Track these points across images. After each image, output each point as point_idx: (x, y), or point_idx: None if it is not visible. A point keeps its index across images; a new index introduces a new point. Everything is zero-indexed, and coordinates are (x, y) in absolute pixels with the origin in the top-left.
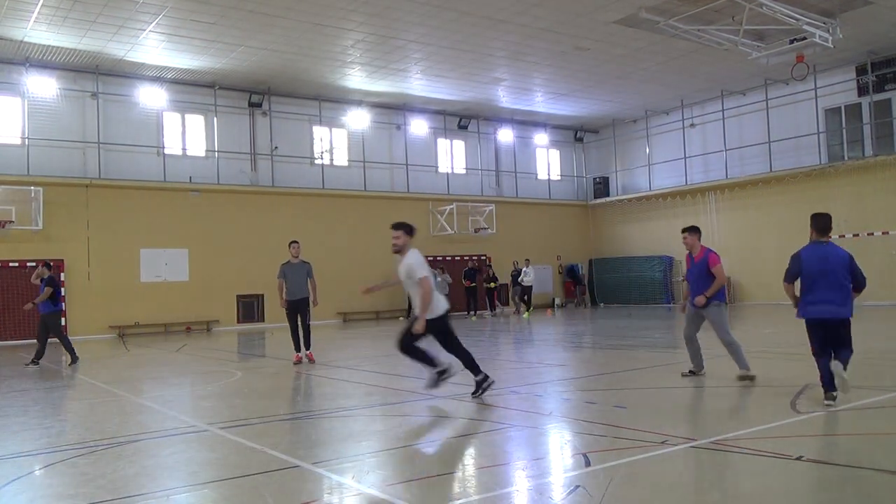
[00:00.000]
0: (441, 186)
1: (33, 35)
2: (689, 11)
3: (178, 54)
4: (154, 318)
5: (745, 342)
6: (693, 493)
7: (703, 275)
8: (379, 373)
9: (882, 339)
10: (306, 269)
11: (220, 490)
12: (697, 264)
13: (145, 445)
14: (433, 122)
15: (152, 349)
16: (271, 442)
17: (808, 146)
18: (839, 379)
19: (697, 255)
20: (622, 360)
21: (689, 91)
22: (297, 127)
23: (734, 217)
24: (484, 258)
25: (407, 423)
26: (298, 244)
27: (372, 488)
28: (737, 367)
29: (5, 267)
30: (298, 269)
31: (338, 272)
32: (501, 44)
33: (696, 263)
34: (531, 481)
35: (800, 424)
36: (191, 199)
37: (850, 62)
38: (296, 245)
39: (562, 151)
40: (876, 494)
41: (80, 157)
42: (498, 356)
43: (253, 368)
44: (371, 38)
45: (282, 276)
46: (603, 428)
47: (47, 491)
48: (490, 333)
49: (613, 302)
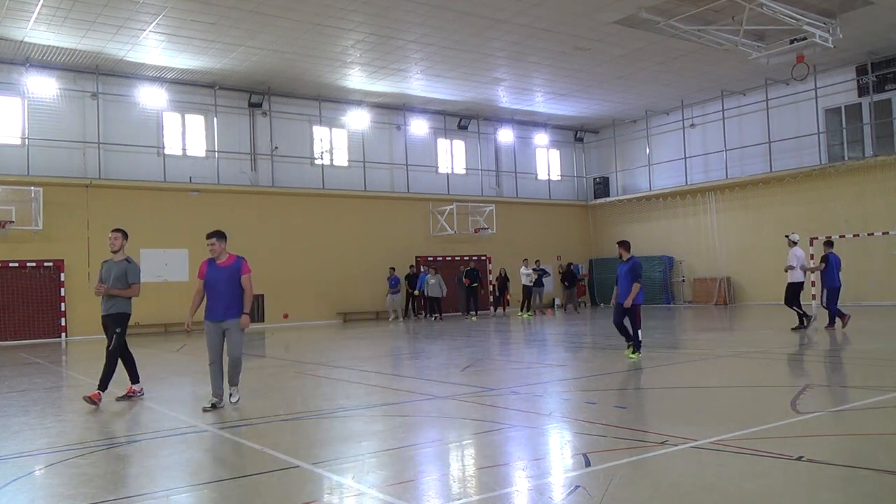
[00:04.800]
0: (441, 186)
1: (33, 35)
2: (689, 11)
3: (178, 54)
4: (154, 318)
5: (746, 342)
6: (693, 493)
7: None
8: (379, 373)
9: (882, 339)
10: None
11: (220, 490)
12: (625, 265)
13: (145, 445)
14: (433, 122)
15: (152, 349)
16: (271, 442)
17: (809, 146)
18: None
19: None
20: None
21: (689, 91)
22: (297, 127)
23: (734, 217)
24: (484, 258)
25: (407, 423)
26: (215, 239)
27: (372, 488)
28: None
29: (5, 267)
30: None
31: (338, 272)
32: (501, 44)
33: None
34: (531, 481)
35: (800, 424)
36: (191, 199)
37: (851, 62)
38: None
39: (562, 151)
40: (876, 495)
41: (80, 157)
42: (498, 356)
43: (253, 368)
44: (371, 38)
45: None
46: (603, 428)
47: (47, 491)
48: (490, 333)
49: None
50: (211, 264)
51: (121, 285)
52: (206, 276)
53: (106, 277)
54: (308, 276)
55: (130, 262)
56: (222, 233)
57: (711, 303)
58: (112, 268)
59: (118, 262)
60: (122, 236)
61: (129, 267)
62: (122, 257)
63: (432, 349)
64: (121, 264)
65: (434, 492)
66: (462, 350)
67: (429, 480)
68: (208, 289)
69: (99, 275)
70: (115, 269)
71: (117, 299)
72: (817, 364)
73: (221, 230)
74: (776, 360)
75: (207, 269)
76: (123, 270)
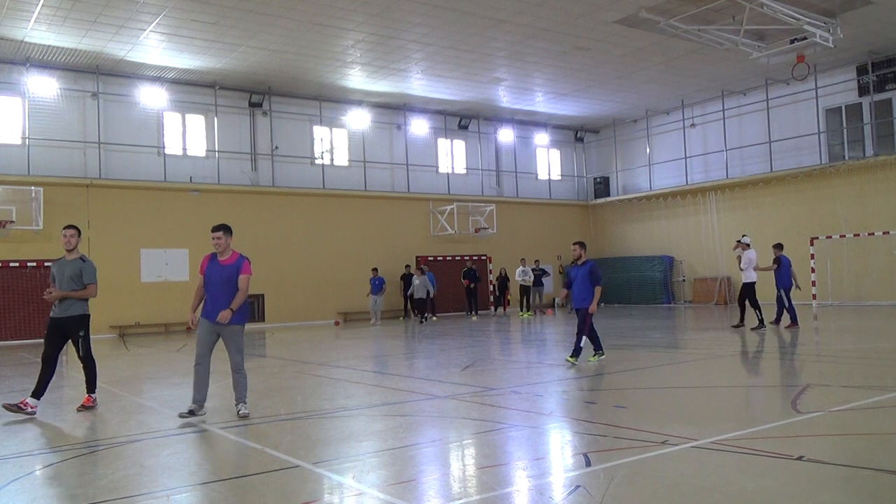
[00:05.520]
0: (441, 186)
1: (34, 35)
2: (689, 11)
3: (179, 54)
4: (154, 318)
5: (745, 342)
6: (694, 493)
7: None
8: (379, 373)
9: (882, 338)
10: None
11: (220, 490)
12: (581, 268)
13: (145, 445)
14: (433, 122)
15: (153, 349)
16: (271, 442)
17: (809, 146)
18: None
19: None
20: (622, 360)
21: (689, 91)
22: (297, 127)
23: (734, 217)
24: (484, 258)
25: (407, 423)
26: (222, 233)
27: (372, 488)
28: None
29: (6, 267)
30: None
31: (338, 272)
32: (502, 44)
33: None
34: (531, 481)
35: (800, 424)
36: (191, 199)
37: (851, 62)
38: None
39: (562, 151)
40: (877, 495)
41: (81, 157)
42: (498, 356)
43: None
44: (371, 38)
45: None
46: (603, 428)
47: (47, 491)
48: (490, 333)
49: (614, 302)
50: (212, 260)
51: (76, 286)
52: (205, 272)
53: (59, 278)
54: (308, 276)
55: (86, 261)
56: (229, 227)
57: (712, 303)
58: (65, 267)
59: (72, 261)
60: (77, 234)
61: (84, 266)
62: (77, 255)
63: (432, 349)
64: (75, 263)
65: (434, 492)
66: (462, 350)
67: (429, 480)
68: (206, 285)
69: (51, 274)
70: (69, 268)
71: (73, 301)
72: (817, 363)
73: (228, 224)
74: (776, 359)
75: (208, 265)
76: (78, 269)
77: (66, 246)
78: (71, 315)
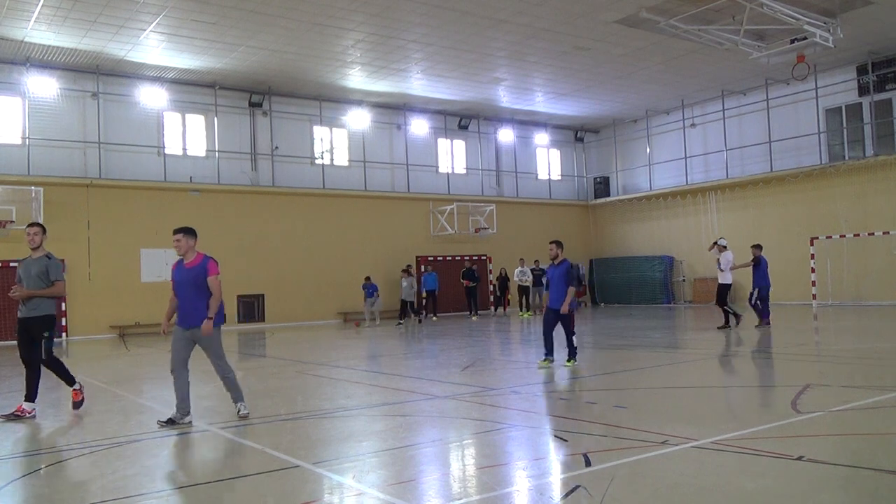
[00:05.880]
0: (441, 186)
1: (34, 35)
2: (689, 11)
3: (179, 54)
4: (155, 318)
5: (745, 342)
6: (694, 493)
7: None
8: (379, 373)
9: (882, 338)
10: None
11: (221, 490)
12: (557, 268)
13: (145, 445)
14: (433, 122)
15: (153, 349)
16: (271, 442)
17: (809, 146)
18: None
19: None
20: (622, 360)
21: (689, 91)
22: (297, 127)
23: (734, 217)
24: (484, 258)
25: (407, 423)
26: (182, 234)
27: (372, 488)
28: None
29: (6, 267)
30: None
31: (338, 272)
32: (502, 44)
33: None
34: (531, 481)
35: (800, 424)
36: (191, 199)
37: (851, 62)
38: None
39: (562, 151)
40: (877, 495)
41: (81, 157)
42: (498, 356)
43: (253, 368)
44: (371, 38)
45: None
46: (603, 428)
47: (47, 491)
48: (490, 333)
49: (614, 302)
50: (178, 265)
51: (42, 284)
52: (173, 277)
53: (25, 277)
54: (308, 276)
55: (51, 258)
56: (191, 229)
57: (712, 303)
58: (31, 266)
59: (37, 259)
60: (42, 231)
61: (49, 263)
62: (42, 253)
63: (432, 349)
64: (40, 261)
65: (434, 492)
66: (462, 350)
67: (429, 480)
68: (175, 290)
69: (17, 275)
70: (35, 266)
71: (40, 301)
72: (817, 363)
73: (191, 227)
74: (776, 359)
75: (175, 270)
76: (44, 267)
77: (30, 244)
78: (37, 315)
